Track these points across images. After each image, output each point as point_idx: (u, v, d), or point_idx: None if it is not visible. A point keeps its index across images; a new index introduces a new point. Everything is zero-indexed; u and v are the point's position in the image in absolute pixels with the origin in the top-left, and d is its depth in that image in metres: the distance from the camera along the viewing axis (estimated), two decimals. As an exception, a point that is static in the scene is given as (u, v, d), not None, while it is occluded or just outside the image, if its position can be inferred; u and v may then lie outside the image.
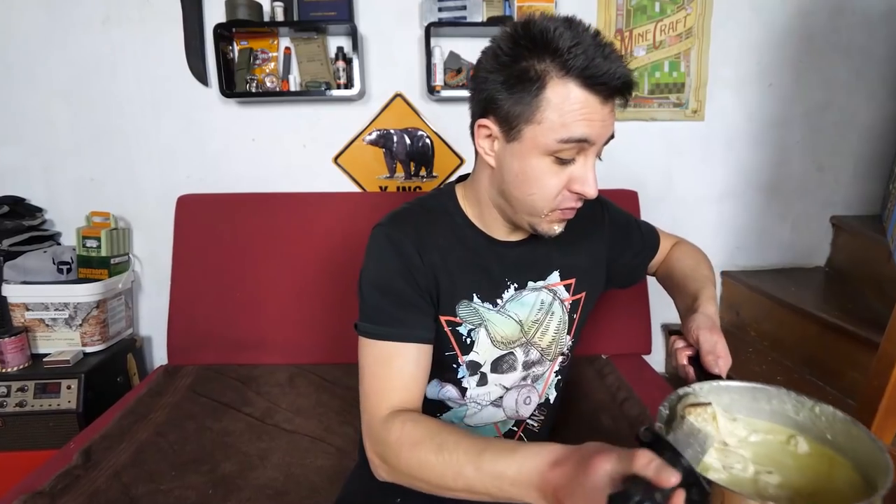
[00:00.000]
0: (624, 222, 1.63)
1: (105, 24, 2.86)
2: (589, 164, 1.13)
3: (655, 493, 0.66)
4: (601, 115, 1.07)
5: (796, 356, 2.69)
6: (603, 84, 1.03)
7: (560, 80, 1.04)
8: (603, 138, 1.11)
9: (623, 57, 1.07)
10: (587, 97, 1.05)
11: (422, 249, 1.25)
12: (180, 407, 2.28)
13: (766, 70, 3.06)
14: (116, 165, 2.98)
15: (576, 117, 1.05)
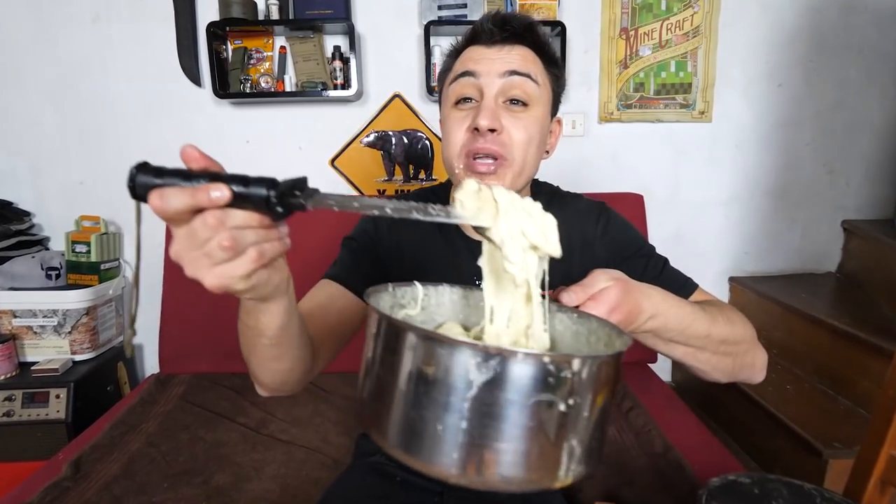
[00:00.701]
0: (630, 238, 1.42)
1: (95, 23, 2.88)
2: (486, 99, 1.20)
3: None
4: (488, 54, 1.22)
5: (807, 365, 2.70)
6: (482, 32, 1.23)
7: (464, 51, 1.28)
8: (493, 73, 1.20)
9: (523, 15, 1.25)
10: (474, 48, 1.25)
11: (396, 226, 1.39)
12: (173, 417, 2.29)
13: (776, 70, 3.08)
14: (106, 168, 3.00)
15: (464, 62, 1.24)
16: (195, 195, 0.66)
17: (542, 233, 0.79)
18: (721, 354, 1.15)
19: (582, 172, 3.13)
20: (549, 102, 1.27)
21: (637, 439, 2.06)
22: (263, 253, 0.72)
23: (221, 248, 0.68)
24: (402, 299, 0.91)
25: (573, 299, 0.93)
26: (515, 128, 1.20)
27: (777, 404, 2.40)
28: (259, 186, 0.68)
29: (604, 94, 3.05)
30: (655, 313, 1.00)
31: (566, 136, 3.07)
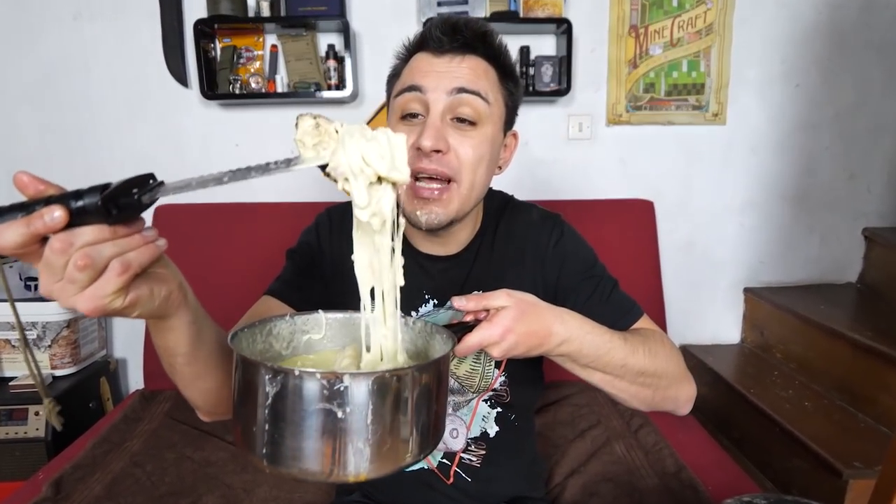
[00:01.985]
0: (585, 260, 1.42)
1: (76, 20, 2.91)
2: (432, 117, 1.19)
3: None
4: (436, 65, 1.21)
5: (826, 380, 2.72)
6: (430, 39, 1.22)
7: (414, 57, 1.28)
8: (440, 89, 1.19)
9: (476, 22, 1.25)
10: (422, 55, 1.24)
11: (340, 238, 1.42)
12: (158, 435, 2.30)
13: (793, 70, 3.11)
14: (88, 173, 3.01)
15: (412, 72, 1.24)
16: (30, 223, 0.65)
17: (388, 157, 0.81)
18: (639, 385, 1.21)
19: (588, 177, 3.16)
20: (501, 117, 1.28)
21: (647, 458, 2.08)
22: (129, 263, 0.71)
23: (79, 270, 0.68)
24: (305, 325, 1.05)
25: (463, 304, 1.04)
26: (463, 147, 1.20)
27: (795, 421, 2.41)
28: (92, 196, 0.67)
29: (612, 95, 3.08)
30: (569, 338, 1.08)
31: (572, 140, 3.11)
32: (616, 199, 3.05)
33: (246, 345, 0.92)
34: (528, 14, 2.89)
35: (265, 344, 0.98)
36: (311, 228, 1.48)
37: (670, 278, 3.11)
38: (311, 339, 1.05)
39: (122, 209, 0.69)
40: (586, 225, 2.75)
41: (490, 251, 1.41)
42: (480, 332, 1.01)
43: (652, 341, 1.24)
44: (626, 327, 1.32)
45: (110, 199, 0.68)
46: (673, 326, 2.99)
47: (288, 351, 1.03)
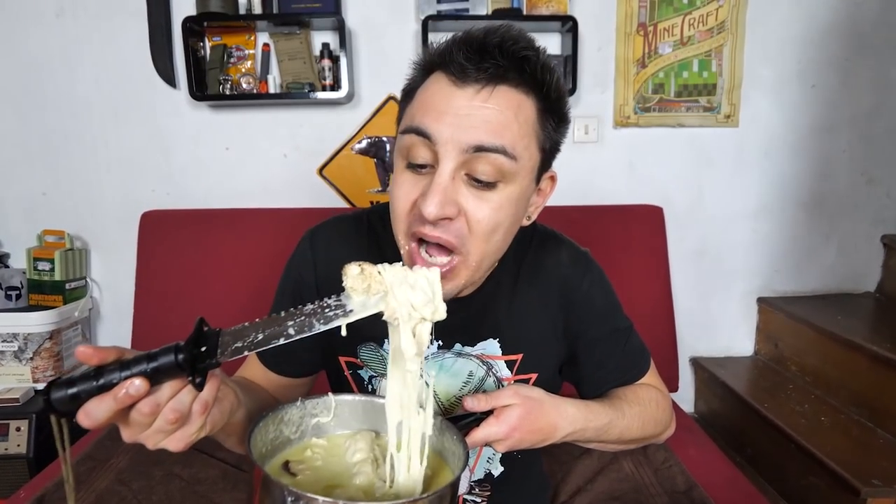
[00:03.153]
0: (609, 310, 1.43)
1: (59, 18, 2.92)
2: (440, 176, 1.03)
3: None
4: (454, 102, 1.03)
5: (843, 394, 2.74)
6: (451, 63, 1.04)
7: (434, 74, 1.09)
8: (453, 142, 1.02)
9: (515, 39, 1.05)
10: (444, 82, 1.05)
11: (324, 270, 1.35)
12: (145, 451, 2.19)
13: (809, 69, 3.13)
14: (72, 178, 3.04)
15: (424, 106, 1.06)
16: (117, 398, 0.75)
17: (430, 301, 0.91)
18: (626, 445, 1.38)
19: (595, 182, 3.18)
20: (533, 168, 1.11)
21: (656, 476, 2.11)
22: (206, 403, 0.83)
23: (170, 424, 0.80)
24: (314, 409, 1.09)
25: (474, 405, 1.09)
26: (478, 211, 1.06)
27: (810, 437, 2.43)
28: (166, 356, 0.77)
29: (619, 96, 3.10)
30: (573, 431, 1.19)
31: (578, 143, 3.13)
32: (624, 205, 3.08)
33: (260, 437, 0.98)
34: (532, 11, 2.91)
35: (276, 432, 1.04)
36: (294, 264, 1.41)
37: (680, 288, 3.13)
38: (320, 423, 1.11)
39: (201, 374, 0.81)
40: (593, 232, 2.79)
41: (511, 293, 1.34)
42: (487, 429, 1.07)
43: (647, 408, 1.36)
44: (633, 380, 1.44)
45: (190, 360, 0.78)
46: (683, 338, 3.01)
47: (297, 435, 1.08)
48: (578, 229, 1.51)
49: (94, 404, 0.76)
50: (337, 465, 1.05)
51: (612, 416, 1.26)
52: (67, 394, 0.75)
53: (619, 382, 1.41)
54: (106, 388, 0.75)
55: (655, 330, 2.80)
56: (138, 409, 0.77)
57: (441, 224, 1.05)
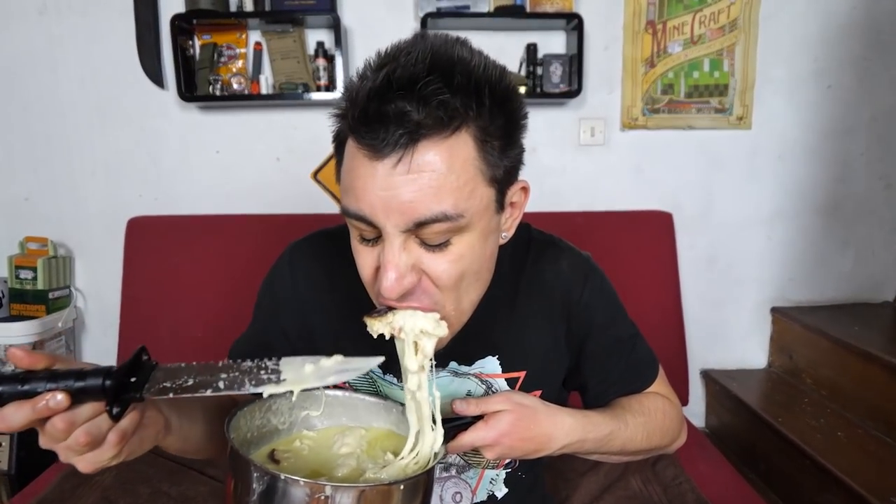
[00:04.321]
0: (613, 317, 1.43)
1: (42, 15, 2.94)
2: (390, 253, 0.99)
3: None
4: (379, 184, 0.95)
5: (860, 408, 2.76)
6: (365, 136, 0.94)
7: (349, 140, 1.01)
8: (391, 221, 0.96)
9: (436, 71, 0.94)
10: (359, 156, 0.97)
11: (304, 287, 1.37)
12: (131, 468, 2.31)
13: (825, 69, 3.16)
14: (55, 182, 3.06)
15: (350, 185, 1.00)
16: (35, 408, 0.80)
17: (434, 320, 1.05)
18: (631, 456, 1.40)
19: (601, 186, 3.21)
20: (489, 205, 1.04)
21: (666, 493, 2.13)
22: (124, 432, 0.87)
23: (80, 445, 0.83)
24: (304, 402, 1.16)
25: (464, 408, 1.13)
26: (438, 267, 1.02)
27: (826, 453, 2.45)
28: (95, 378, 0.82)
29: (627, 97, 3.13)
30: (570, 442, 1.20)
31: (584, 146, 3.16)
32: (631, 211, 3.11)
33: (244, 422, 1.04)
34: (536, 9, 2.93)
35: (263, 419, 1.10)
36: (272, 280, 1.41)
37: (690, 297, 3.16)
38: (310, 416, 1.16)
39: (122, 405, 0.85)
40: (599, 239, 2.82)
41: (510, 306, 1.33)
42: (474, 434, 1.10)
43: (653, 418, 1.37)
44: (640, 390, 1.43)
45: (115, 389, 0.83)
46: (693, 350, 3.03)
47: (286, 426, 1.14)
48: (583, 236, 1.51)
49: (11, 409, 0.80)
50: (323, 455, 1.10)
51: (614, 427, 1.27)
52: None
53: (625, 392, 1.41)
54: (29, 394, 0.80)
55: (664, 341, 2.82)
56: (53, 423, 0.81)
57: (408, 293, 1.03)
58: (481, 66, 0.98)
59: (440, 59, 0.94)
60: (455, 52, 0.97)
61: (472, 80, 0.95)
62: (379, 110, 0.91)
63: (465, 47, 1.01)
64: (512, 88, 1.04)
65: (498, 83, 1.00)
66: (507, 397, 1.14)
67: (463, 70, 0.95)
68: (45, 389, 0.80)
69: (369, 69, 0.97)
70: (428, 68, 0.92)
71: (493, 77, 0.99)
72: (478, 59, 0.99)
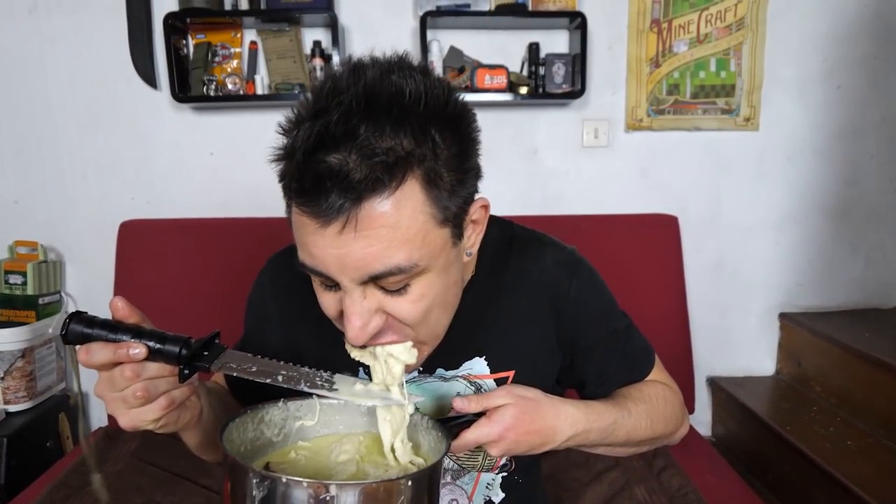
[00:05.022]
0: (604, 311, 1.44)
1: (32, 14, 2.96)
2: (350, 301, 1.00)
3: None
4: (329, 244, 0.94)
5: (871, 416, 2.77)
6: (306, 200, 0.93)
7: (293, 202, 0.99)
8: (346, 275, 0.97)
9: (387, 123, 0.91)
10: (304, 217, 0.95)
11: (285, 300, 1.40)
12: (124, 478, 2.34)
13: (835, 69, 3.17)
14: (45, 185, 3.08)
15: (300, 240, 1.01)
16: (116, 352, 0.91)
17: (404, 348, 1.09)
18: (636, 448, 1.41)
19: (605, 189, 3.22)
20: (445, 243, 1.03)
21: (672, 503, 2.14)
22: (174, 400, 0.99)
23: (135, 397, 0.93)
24: (298, 412, 1.18)
25: (465, 406, 1.13)
26: (401, 308, 1.03)
27: (835, 463, 2.46)
28: (174, 345, 0.94)
29: (631, 97, 3.14)
30: (575, 434, 1.21)
31: (587, 148, 3.17)
32: (636, 214, 3.13)
33: (237, 434, 1.07)
34: (538, 7, 2.94)
35: (256, 432, 1.12)
36: (253, 298, 1.48)
37: (697, 302, 3.18)
38: (304, 426, 1.18)
39: (190, 370, 0.96)
40: (603, 243, 2.83)
41: (496, 306, 1.34)
42: (478, 430, 1.11)
43: (655, 405, 1.38)
44: (638, 380, 1.45)
45: (190, 357, 0.95)
46: (700, 356, 3.05)
47: (279, 438, 1.16)
48: (587, 240, 1.52)
49: (97, 346, 0.91)
50: (321, 464, 1.12)
51: (618, 416, 1.28)
52: (82, 331, 0.92)
53: (623, 384, 1.43)
54: (115, 342, 0.92)
55: (670, 348, 2.82)
56: (122, 369, 0.91)
57: (377, 335, 1.05)
58: (421, 96, 0.93)
59: (375, 102, 0.91)
60: (392, 86, 0.93)
61: (413, 118, 0.92)
62: (316, 175, 0.89)
63: (403, 74, 0.96)
64: (459, 109, 1.02)
65: (443, 110, 0.97)
66: (509, 391, 1.15)
67: (400, 109, 0.91)
68: (128, 340, 0.92)
69: (305, 112, 0.95)
70: (362, 116, 0.90)
71: (436, 105, 0.96)
72: (418, 86, 0.94)
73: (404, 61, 1.00)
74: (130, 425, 0.96)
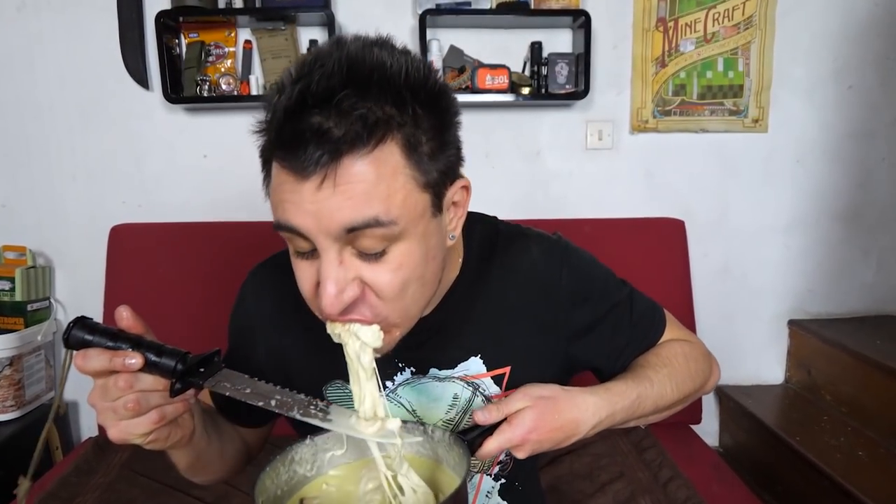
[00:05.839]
0: (602, 287, 1.45)
1: (20, 12, 2.97)
2: (326, 267, 1.01)
3: None
4: (307, 198, 0.97)
5: (883, 426, 2.78)
6: (285, 158, 0.97)
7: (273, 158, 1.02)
8: (322, 232, 0.99)
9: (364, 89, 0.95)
10: (284, 173, 0.98)
11: (268, 312, 1.41)
12: (115, 489, 2.36)
13: (845, 69, 3.19)
14: (34, 188, 3.09)
15: (277, 199, 1.02)
16: (112, 360, 0.94)
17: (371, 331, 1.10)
18: (669, 411, 1.42)
19: (609, 193, 3.24)
20: (424, 210, 1.05)
21: (678, 515, 2.15)
22: (165, 415, 1.00)
23: (126, 409, 0.95)
24: (326, 444, 1.19)
25: (486, 417, 1.15)
26: (378, 278, 1.04)
27: (847, 474, 2.47)
28: (171, 358, 0.96)
29: (637, 98, 3.16)
30: (598, 421, 1.23)
31: (591, 150, 3.19)
32: (641, 218, 3.15)
33: (271, 482, 1.08)
34: (541, 5, 2.96)
35: (289, 473, 1.14)
36: (236, 314, 1.47)
37: (703, 309, 3.19)
38: (335, 455, 1.20)
39: (183, 384, 0.98)
40: (607, 247, 2.81)
41: (485, 303, 1.35)
42: (500, 437, 1.13)
43: (676, 366, 1.40)
44: (654, 343, 1.47)
45: (184, 372, 0.97)
46: (707, 364, 3.05)
47: (313, 472, 1.18)
48: (590, 244, 1.52)
49: (94, 353, 0.94)
50: (350, 494, 1.15)
51: (640, 390, 1.30)
52: (83, 337, 0.96)
53: (639, 352, 1.45)
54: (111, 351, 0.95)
55: None
56: (116, 378, 0.94)
57: (349, 307, 1.05)
58: (402, 69, 0.99)
59: (357, 68, 0.95)
60: (374, 57, 0.98)
61: (393, 87, 0.97)
62: (296, 130, 0.93)
63: (384, 49, 1.01)
64: (439, 87, 1.06)
65: (423, 85, 1.01)
66: (525, 392, 1.18)
67: (381, 77, 0.96)
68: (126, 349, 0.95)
69: (287, 80, 0.98)
70: (344, 80, 0.94)
71: (416, 79, 1.00)
72: (398, 60, 0.99)
73: (386, 40, 1.05)
74: (119, 437, 0.98)
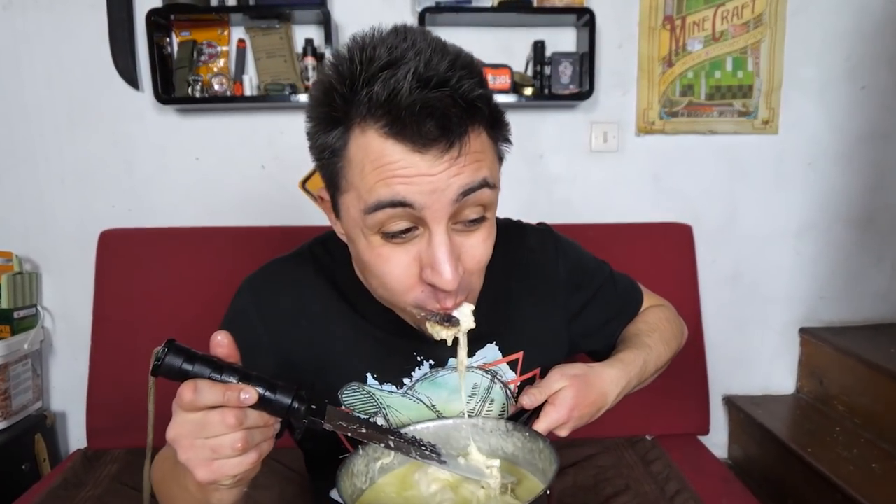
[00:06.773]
0: (589, 271, 1.62)
1: (6, 10, 2.99)
2: (437, 240, 1.06)
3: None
4: (423, 170, 1.01)
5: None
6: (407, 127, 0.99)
7: (359, 127, 1.03)
8: (441, 203, 1.04)
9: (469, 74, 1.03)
10: (390, 146, 1.01)
11: (276, 326, 1.39)
12: (104, 502, 2.37)
13: (859, 69, 3.19)
14: (20, 192, 3.10)
15: (383, 173, 1.02)
16: (226, 395, 0.88)
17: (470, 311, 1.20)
18: (660, 371, 1.60)
19: (614, 196, 3.25)
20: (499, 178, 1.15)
21: (685, 531, 2.15)
22: (262, 454, 0.95)
23: (233, 448, 0.88)
24: (376, 453, 1.23)
25: (532, 401, 1.28)
26: (474, 250, 1.13)
27: (861, 487, 2.46)
28: (285, 395, 0.92)
29: (643, 99, 3.18)
30: (620, 391, 1.40)
31: (595, 152, 3.21)
32: (647, 223, 3.16)
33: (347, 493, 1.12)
34: (544, 3, 2.97)
35: (351, 487, 1.16)
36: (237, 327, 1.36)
37: (712, 316, 3.21)
38: (384, 464, 1.24)
39: (310, 424, 0.97)
40: (612, 253, 2.79)
41: (496, 292, 1.41)
42: (548, 418, 1.26)
43: (662, 329, 1.63)
44: (636, 313, 1.69)
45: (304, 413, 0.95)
46: (715, 374, 3.08)
47: (367, 484, 1.21)
48: (595, 249, 1.58)
49: (206, 386, 0.88)
50: (415, 498, 1.18)
51: (644, 356, 1.49)
52: (180, 367, 0.88)
53: (625, 324, 1.66)
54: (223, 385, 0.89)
55: (683, 364, 2.68)
56: (223, 413, 0.87)
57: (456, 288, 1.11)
58: (471, 57, 1.08)
59: (452, 53, 1.04)
60: (452, 46, 1.07)
61: (477, 70, 1.06)
62: (420, 106, 0.97)
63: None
64: None
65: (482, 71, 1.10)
66: (561, 373, 1.32)
67: (469, 62, 1.05)
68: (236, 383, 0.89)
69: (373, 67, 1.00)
70: (450, 63, 1.01)
71: (479, 66, 1.08)
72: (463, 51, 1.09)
73: None
74: (211, 478, 0.90)
